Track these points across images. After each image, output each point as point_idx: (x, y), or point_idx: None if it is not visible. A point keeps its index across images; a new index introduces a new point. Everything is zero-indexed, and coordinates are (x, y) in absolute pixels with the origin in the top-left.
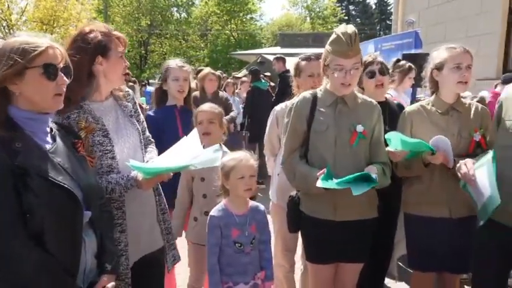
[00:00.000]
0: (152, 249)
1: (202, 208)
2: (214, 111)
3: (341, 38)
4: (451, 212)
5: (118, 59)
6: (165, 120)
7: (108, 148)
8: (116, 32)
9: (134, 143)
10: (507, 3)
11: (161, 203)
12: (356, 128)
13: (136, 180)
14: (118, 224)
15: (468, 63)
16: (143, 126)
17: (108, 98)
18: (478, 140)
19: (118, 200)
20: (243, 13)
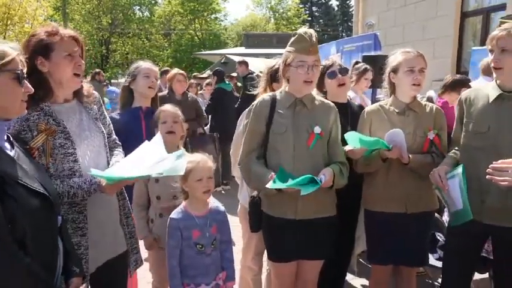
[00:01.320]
0: (116, 253)
1: (156, 210)
2: (178, 111)
3: (303, 36)
4: (407, 208)
5: (63, 59)
6: (130, 122)
7: (70, 151)
8: (70, 31)
9: (98, 146)
10: (459, 8)
11: (125, 206)
12: (313, 129)
13: (100, 185)
14: (79, 228)
15: (421, 66)
16: (109, 129)
17: (71, 100)
18: (432, 138)
19: (79, 203)
20: (207, 13)
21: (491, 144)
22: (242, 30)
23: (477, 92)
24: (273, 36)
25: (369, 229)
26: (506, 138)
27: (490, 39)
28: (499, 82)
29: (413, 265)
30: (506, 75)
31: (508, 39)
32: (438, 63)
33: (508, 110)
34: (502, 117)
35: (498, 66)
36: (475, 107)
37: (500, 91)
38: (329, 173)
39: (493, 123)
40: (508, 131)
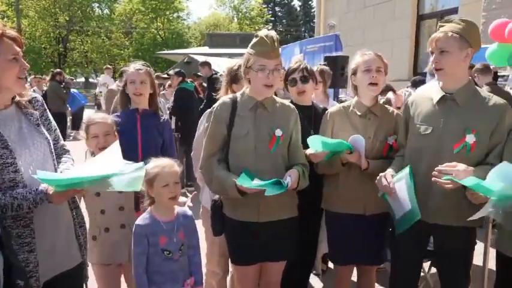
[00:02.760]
0: (68, 266)
1: (101, 225)
2: (107, 121)
3: (264, 39)
4: (365, 209)
5: (6, 62)
6: (125, 123)
7: (9, 161)
8: (11, 31)
9: (43, 154)
10: (416, 11)
11: (78, 215)
12: (275, 132)
13: (47, 194)
14: (25, 243)
15: (377, 66)
16: (56, 134)
17: (9, 106)
18: (391, 143)
19: (25, 217)
20: (170, 11)
21: (434, 146)
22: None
23: (422, 94)
24: (236, 36)
25: (330, 230)
26: (448, 139)
27: (430, 41)
28: (442, 84)
29: (373, 264)
30: (447, 76)
31: (445, 40)
32: (396, 64)
33: (449, 111)
34: (445, 119)
35: (438, 67)
36: (420, 110)
37: (442, 93)
38: (295, 175)
39: (436, 125)
40: (450, 132)
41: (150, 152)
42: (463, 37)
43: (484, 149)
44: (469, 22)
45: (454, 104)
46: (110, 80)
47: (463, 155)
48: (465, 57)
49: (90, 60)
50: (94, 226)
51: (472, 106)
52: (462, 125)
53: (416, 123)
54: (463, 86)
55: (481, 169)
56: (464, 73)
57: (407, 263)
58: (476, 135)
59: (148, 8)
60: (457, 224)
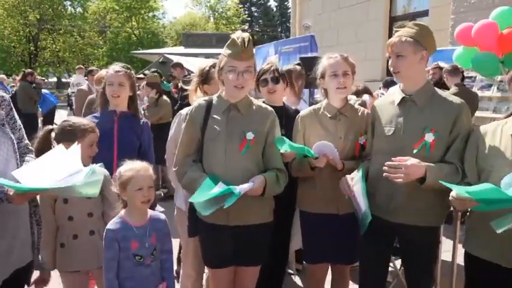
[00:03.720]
0: (23, 263)
1: (70, 232)
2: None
3: (235, 41)
4: (339, 209)
5: None
6: (101, 125)
7: None
8: None
9: (6, 154)
10: (388, 12)
11: (36, 213)
12: (246, 135)
13: (7, 194)
14: None
15: (344, 69)
16: (20, 134)
17: None
18: (362, 143)
19: None
20: (145, 10)
21: (397, 147)
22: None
23: (386, 98)
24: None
25: (304, 230)
26: (409, 139)
27: (387, 46)
28: (402, 87)
29: (347, 263)
30: (404, 78)
31: (400, 45)
32: (370, 64)
33: (409, 112)
34: (406, 120)
35: (395, 70)
36: (384, 112)
37: (402, 95)
38: (259, 181)
39: (398, 126)
40: (410, 132)
41: (126, 154)
42: (417, 41)
43: (444, 148)
44: (422, 26)
45: (414, 105)
46: (82, 80)
47: (424, 155)
48: (420, 60)
49: (62, 59)
50: (62, 233)
51: (431, 106)
52: (421, 124)
53: (380, 126)
54: (421, 87)
55: (435, 165)
56: (421, 75)
57: (374, 261)
58: (435, 134)
59: (122, 7)
60: (420, 224)
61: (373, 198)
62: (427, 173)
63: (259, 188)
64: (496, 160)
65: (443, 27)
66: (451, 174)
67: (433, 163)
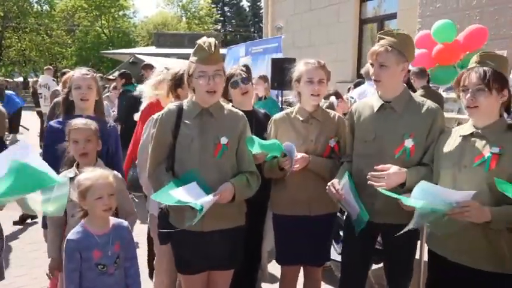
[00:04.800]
0: None
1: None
2: (91, 127)
3: (202, 46)
4: (310, 210)
5: None
6: None
7: None
8: None
9: None
10: (358, 15)
11: None
12: (220, 140)
13: None
14: None
15: (320, 77)
16: None
17: None
18: (332, 146)
19: None
20: (115, 9)
21: (376, 152)
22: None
23: (365, 103)
24: (184, 36)
25: (276, 231)
26: (389, 144)
27: (370, 53)
28: (380, 93)
29: (319, 263)
30: (385, 87)
31: (385, 55)
32: (341, 65)
33: (389, 118)
34: (385, 126)
35: (377, 79)
36: (363, 117)
37: (381, 101)
38: (225, 188)
39: (378, 132)
40: (390, 137)
41: None
42: (401, 52)
43: (422, 152)
44: (406, 36)
45: (392, 111)
46: (50, 81)
47: (404, 159)
48: (401, 71)
49: (28, 59)
50: (68, 230)
51: (409, 112)
52: (400, 130)
53: (360, 131)
54: (400, 94)
55: (413, 170)
56: (400, 83)
57: (357, 262)
58: (414, 139)
59: (91, 5)
60: (403, 222)
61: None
62: (407, 179)
63: (227, 195)
64: (445, 160)
65: (411, 30)
66: (427, 176)
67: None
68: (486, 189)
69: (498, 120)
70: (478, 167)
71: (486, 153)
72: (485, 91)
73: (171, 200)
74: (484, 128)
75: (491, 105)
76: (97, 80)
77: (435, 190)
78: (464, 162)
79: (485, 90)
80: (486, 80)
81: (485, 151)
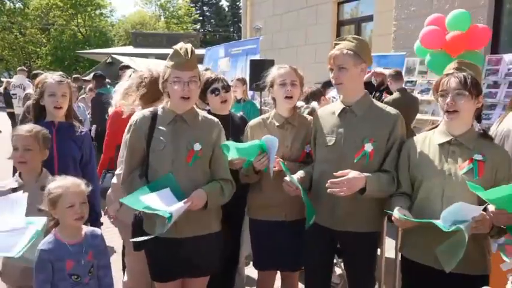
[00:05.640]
0: None
1: None
2: (33, 135)
3: (178, 51)
4: (286, 216)
5: None
6: None
7: None
8: None
9: None
10: (336, 17)
11: None
12: (193, 146)
13: None
14: None
15: (292, 79)
16: None
17: None
18: (308, 151)
19: None
20: (91, 8)
21: (338, 156)
22: (131, 28)
23: (327, 108)
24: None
25: (253, 236)
26: (349, 149)
27: (328, 58)
28: (342, 98)
29: (295, 268)
30: (346, 90)
31: (342, 57)
32: (319, 67)
33: (349, 122)
34: (346, 130)
35: (338, 82)
36: (325, 122)
37: (342, 106)
38: (197, 195)
39: (338, 136)
40: (350, 142)
41: (67, 168)
42: (357, 54)
43: (382, 157)
44: (360, 40)
45: (353, 116)
46: (25, 81)
47: (363, 164)
48: (360, 72)
49: (1, 57)
50: None
51: (369, 116)
52: (360, 134)
53: (321, 135)
54: (360, 99)
55: (374, 175)
56: (360, 87)
57: (318, 262)
58: (373, 144)
59: (67, 4)
60: (362, 230)
61: (318, 206)
62: (367, 184)
63: (199, 202)
64: (426, 169)
65: (387, 32)
66: (388, 184)
67: (372, 172)
68: (475, 196)
69: (471, 128)
70: (465, 174)
71: (471, 161)
72: (465, 95)
73: (139, 205)
74: (460, 136)
75: (469, 110)
76: (71, 87)
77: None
78: (449, 170)
79: (465, 95)
80: (466, 85)
81: (469, 158)
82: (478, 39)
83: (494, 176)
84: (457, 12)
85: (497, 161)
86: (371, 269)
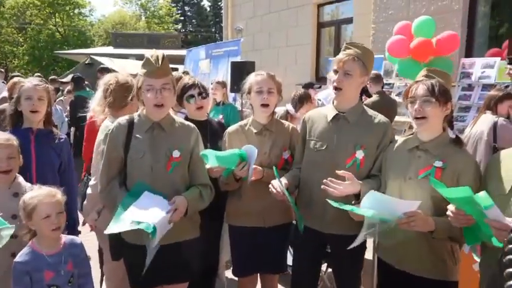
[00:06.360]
0: None
1: None
2: (11, 141)
3: (149, 59)
4: (265, 221)
5: None
6: None
7: None
8: None
9: None
10: (316, 19)
11: None
12: (172, 153)
13: None
14: None
15: (269, 87)
16: None
17: None
18: (286, 158)
19: None
20: (70, 7)
21: (329, 161)
22: (111, 28)
23: (319, 112)
24: (143, 36)
25: (232, 243)
26: (341, 154)
27: (337, 60)
28: (336, 103)
29: (276, 272)
30: (343, 96)
31: (352, 64)
32: (300, 68)
33: (341, 128)
34: (338, 136)
35: (339, 86)
36: (316, 126)
37: (336, 111)
38: (179, 201)
39: (330, 141)
40: (342, 147)
41: (45, 175)
42: (365, 64)
43: (371, 164)
44: (369, 50)
45: (346, 122)
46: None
47: (355, 170)
48: (361, 83)
49: None
50: None
51: (361, 124)
52: (352, 141)
53: (312, 139)
54: (354, 106)
55: (368, 183)
56: (356, 95)
57: (307, 267)
58: (365, 151)
59: (44, 2)
60: (351, 233)
61: (308, 208)
62: (362, 191)
63: (181, 209)
64: (391, 173)
65: (366, 35)
66: (378, 188)
67: (363, 178)
68: (429, 201)
69: (442, 134)
70: (422, 179)
71: (430, 167)
72: (432, 102)
73: (125, 225)
74: (428, 142)
75: (437, 116)
76: (49, 91)
77: (384, 200)
78: (410, 174)
79: (432, 102)
80: (433, 92)
81: (429, 164)
82: (446, 45)
83: (456, 183)
84: (422, 19)
85: (459, 167)
86: (358, 272)
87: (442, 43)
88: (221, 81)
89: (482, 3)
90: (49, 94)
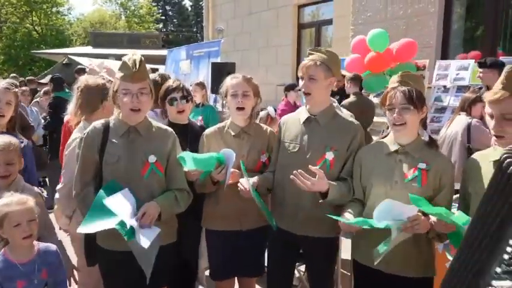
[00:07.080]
0: None
1: None
2: (11, 147)
3: (126, 63)
4: (242, 225)
5: None
6: None
7: None
8: None
9: None
10: (296, 20)
11: None
12: (148, 158)
13: None
14: None
15: (244, 90)
16: None
17: None
18: (264, 161)
19: None
20: (47, 5)
21: (301, 162)
22: (90, 27)
23: (293, 116)
24: (123, 35)
25: (209, 247)
26: (312, 156)
27: (301, 67)
28: (308, 107)
29: (253, 275)
30: (313, 100)
31: (314, 68)
32: (281, 69)
33: (313, 130)
34: (310, 138)
35: (307, 91)
36: (290, 129)
37: (308, 114)
38: (148, 205)
39: (302, 143)
40: (313, 149)
41: None
42: (329, 67)
43: (341, 165)
44: (333, 54)
45: (317, 125)
46: None
47: (325, 171)
48: (328, 85)
49: None
50: None
51: (332, 126)
52: (323, 143)
53: (285, 142)
54: (325, 109)
55: (336, 184)
56: (326, 98)
57: (281, 266)
58: (335, 152)
59: (20, 1)
60: (322, 236)
61: (281, 210)
62: (330, 189)
63: (151, 214)
64: (374, 177)
65: (345, 36)
66: (348, 191)
67: (332, 179)
68: None
69: (418, 137)
70: (409, 182)
71: (416, 169)
72: (411, 109)
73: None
74: (407, 145)
75: (415, 121)
76: (17, 96)
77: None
78: (395, 178)
79: (410, 109)
80: (411, 99)
81: (414, 167)
82: (404, 53)
83: (438, 182)
84: (375, 32)
85: (440, 168)
86: (329, 273)
87: (401, 51)
88: (200, 83)
89: (458, 6)
90: (17, 99)
